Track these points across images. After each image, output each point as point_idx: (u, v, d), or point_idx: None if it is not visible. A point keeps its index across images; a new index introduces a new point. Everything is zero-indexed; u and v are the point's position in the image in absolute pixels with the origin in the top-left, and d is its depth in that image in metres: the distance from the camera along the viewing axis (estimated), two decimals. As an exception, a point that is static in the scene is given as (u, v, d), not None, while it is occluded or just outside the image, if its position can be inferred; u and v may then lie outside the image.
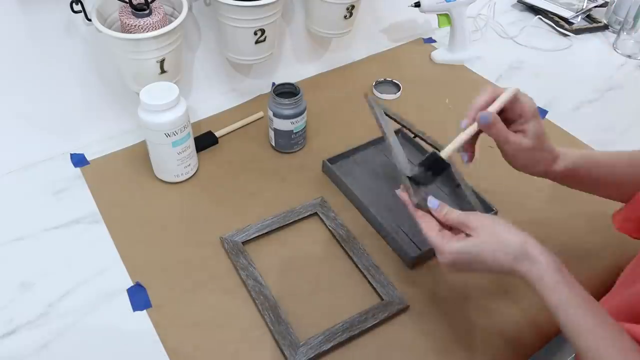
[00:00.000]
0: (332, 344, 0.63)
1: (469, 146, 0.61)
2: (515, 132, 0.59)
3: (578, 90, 1.09)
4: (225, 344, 0.65)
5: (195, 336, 0.65)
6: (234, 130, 0.95)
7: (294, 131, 0.87)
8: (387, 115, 0.75)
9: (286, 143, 0.89)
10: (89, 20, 0.76)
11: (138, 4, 0.77)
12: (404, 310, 0.68)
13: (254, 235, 0.75)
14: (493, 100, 0.59)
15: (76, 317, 0.67)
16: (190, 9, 0.86)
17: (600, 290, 0.68)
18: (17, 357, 0.63)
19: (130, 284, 0.71)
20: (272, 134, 0.89)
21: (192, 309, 0.68)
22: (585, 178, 0.65)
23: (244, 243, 0.75)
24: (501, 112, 0.59)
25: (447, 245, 0.54)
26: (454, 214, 0.56)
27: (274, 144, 0.90)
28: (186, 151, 0.81)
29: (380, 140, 0.92)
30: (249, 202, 0.82)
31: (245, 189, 0.85)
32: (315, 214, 0.79)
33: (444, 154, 0.59)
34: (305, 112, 0.87)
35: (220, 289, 0.70)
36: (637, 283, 0.54)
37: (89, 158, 0.88)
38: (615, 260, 0.75)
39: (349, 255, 0.74)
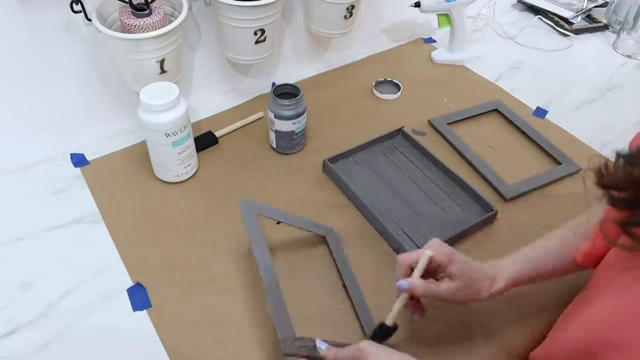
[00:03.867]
0: None
1: (414, 306, 0.62)
2: (443, 278, 0.60)
3: (578, 90, 1.09)
4: (225, 344, 0.65)
5: (195, 336, 0.65)
6: (234, 130, 0.95)
7: (296, 131, 0.87)
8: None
9: (288, 144, 0.89)
10: (89, 20, 0.76)
11: (138, 4, 0.77)
12: None
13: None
14: (409, 267, 0.60)
15: (76, 317, 0.67)
16: (190, 9, 0.86)
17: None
18: (17, 357, 0.63)
19: (130, 283, 0.71)
20: (273, 135, 0.89)
21: (192, 309, 0.68)
22: (535, 279, 0.64)
23: None
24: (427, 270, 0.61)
25: None
26: (344, 352, 0.55)
27: (275, 146, 0.90)
28: (186, 151, 0.81)
29: (380, 140, 0.92)
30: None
31: (245, 189, 0.85)
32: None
33: (389, 321, 0.60)
34: (306, 112, 0.87)
35: (220, 288, 0.70)
36: (570, 328, 0.55)
37: (89, 158, 0.88)
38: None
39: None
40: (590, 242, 0.60)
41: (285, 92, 0.87)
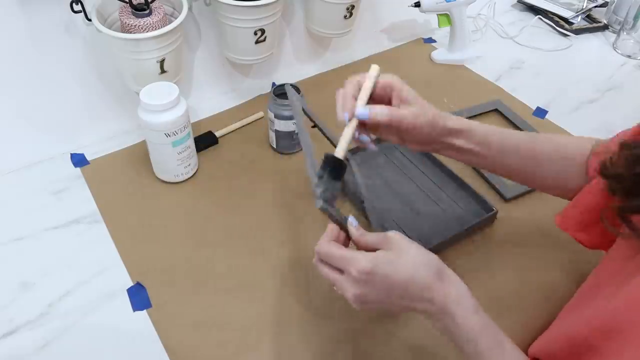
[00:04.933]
0: None
1: (365, 133, 0.58)
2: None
3: (578, 90, 1.09)
4: (225, 344, 0.65)
5: (195, 336, 0.65)
6: (234, 130, 0.95)
7: (296, 131, 0.87)
8: (304, 111, 0.69)
9: (287, 144, 0.89)
10: (89, 20, 0.76)
11: (138, 4, 0.77)
12: None
13: None
14: (359, 87, 0.56)
15: (76, 317, 0.67)
16: (190, 9, 0.86)
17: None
18: (17, 357, 0.63)
19: (130, 284, 0.71)
20: (272, 135, 0.89)
21: (192, 309, 0.68)
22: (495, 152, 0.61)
23: None
24: (372, 99, 0.57)
25: (363, 255, 0.49)
26: (371, 236, 0.51)
27: (275, 146, 0.90)
28: (186, 151, 0.81)
29: (381, 140, 0.92)
30: (249, 202, 0.82)
31: (245, 189, 0.85)
32: None
33: (337, 153, 0.55)
34: None
35: (220, 288, 0.70)
36: (570, 321, 0.55)
37: (89, 158, 0.88)
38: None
39: None
40: (572, 201, 0.60)
41: (286, 92, 0.87)
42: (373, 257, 0.49)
